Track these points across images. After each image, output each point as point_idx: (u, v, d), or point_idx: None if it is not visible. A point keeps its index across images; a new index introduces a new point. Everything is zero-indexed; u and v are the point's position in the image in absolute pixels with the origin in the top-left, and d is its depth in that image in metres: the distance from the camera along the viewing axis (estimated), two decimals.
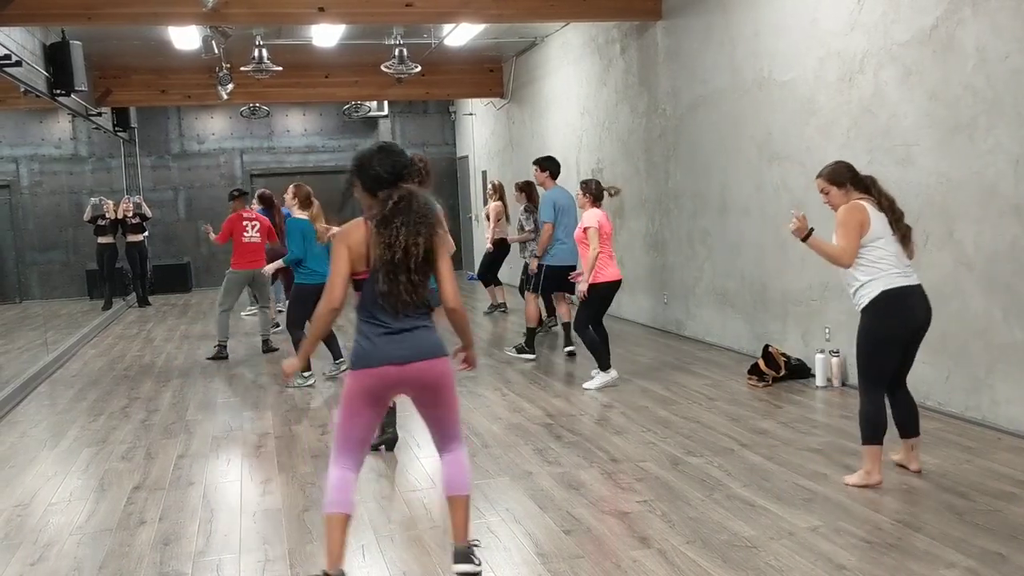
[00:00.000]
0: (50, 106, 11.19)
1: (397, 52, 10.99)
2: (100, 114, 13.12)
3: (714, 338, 8.59)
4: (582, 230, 7.03)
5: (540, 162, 8.64)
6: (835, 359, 6.61)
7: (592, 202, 7.10)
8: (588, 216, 7.04)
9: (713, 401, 6.42)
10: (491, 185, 11.66)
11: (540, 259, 8.31)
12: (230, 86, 11.81)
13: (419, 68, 11.44)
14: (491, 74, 14.77)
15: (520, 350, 8.35)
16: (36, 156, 15.92)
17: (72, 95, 9.95)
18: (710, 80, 8.30)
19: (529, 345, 8.35)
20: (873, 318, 4.38)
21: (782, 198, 7.32)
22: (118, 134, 15.06)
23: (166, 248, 16.91)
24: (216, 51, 9.93)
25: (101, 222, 13.93)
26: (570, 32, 11.61)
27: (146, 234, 14.71)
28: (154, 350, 10.06)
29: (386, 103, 17.03)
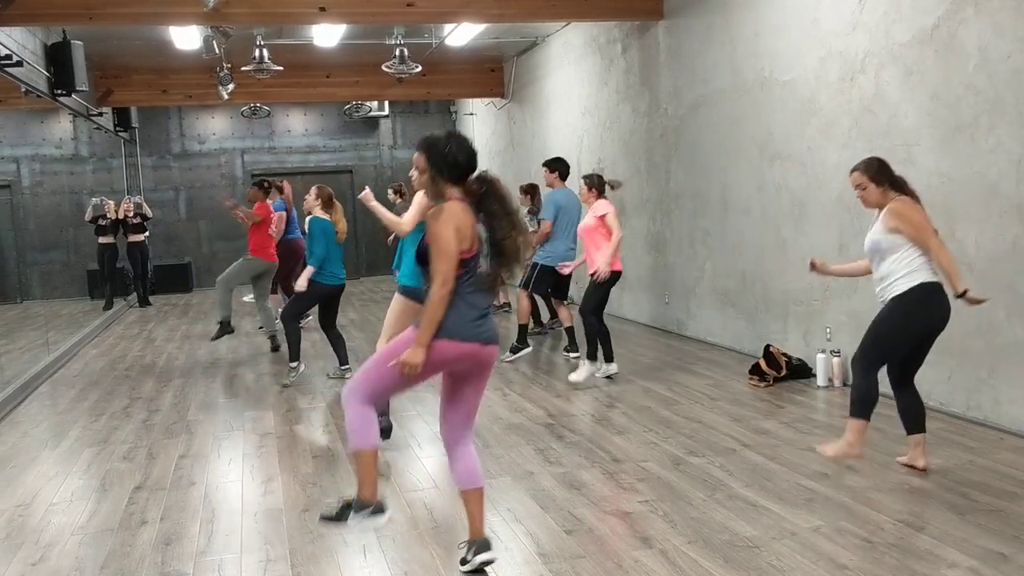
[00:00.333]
0: (51, 106, 11.20)
1: (398, 52, 11.00)
2: (101, 114, 13.12)
3: (715, 338, 8.59)
4: (596, 219, 7.07)
5: (550, 163, 8.54)
6: (836, 359, 6.60)
7: (597, 195, 7.14)
8: (599, 206, 7.10)
9: (715, 401, 6.42)
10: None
11: (531, 256, 8.26)
12: (231, 86, 11.81)
13: (420, 68, 11.44)
14: (492, 74, 14.77)
15: (514, 351, 8.30)
16: (37, 156, 15.93)
17: (73, 95, 9.95)
18: (711, 80, 8.29)
19: (521, 341, 8.32)
20: (902, 305, 4.42)
21: (783, 198, 7.32)
22: (119, 134, 15.07)
23: (167, 248, 16.91)
24: (217, 51, 9.93)
25: (102, 222, 13.94)
26: (571, 32, 11.61)
27: (147, 234, 14.72)
28: (155, 350, 10.06)
29: (387, 103, 17.05)
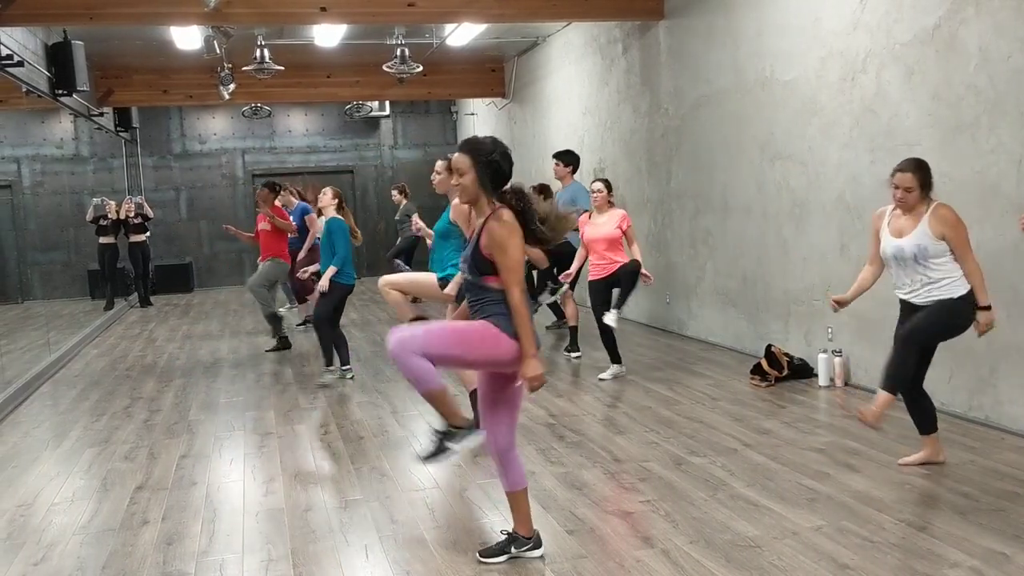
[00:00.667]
0: (52, 106, 11.20)
1: (399, 52, 10.99)
2: (102, 114, 13.12)
3: (716, 338, 8.59)
4: (619, 229, 7.18)
5: (562, 156, 8.28)
6: (838, 359, 6.60)
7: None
8: (619, 216, 7.25)
9: (716, 401, 6.42)
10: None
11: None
12: (232, 86, 11.81)
13: (421, 68, 11.44)
14: (493, 74, 14.77)
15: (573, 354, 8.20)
16: (38, 156, 15.92)
17: (74, 95, 9.95)
18: (712, 80, 8.29)
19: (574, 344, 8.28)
20: (961, 304, 4.44)
21: (784, 198, 7.31)
22: (120, 134, 15.07)
23: (168, 248, 16.91)
24: (218, 51, 9.92)
25: (103, 222, 13.95)
26: (572, 32, 11.61)
27: (148, 234, 14.73)
28: (156, 350, 10.07)
29: (388, 103, 17.04)
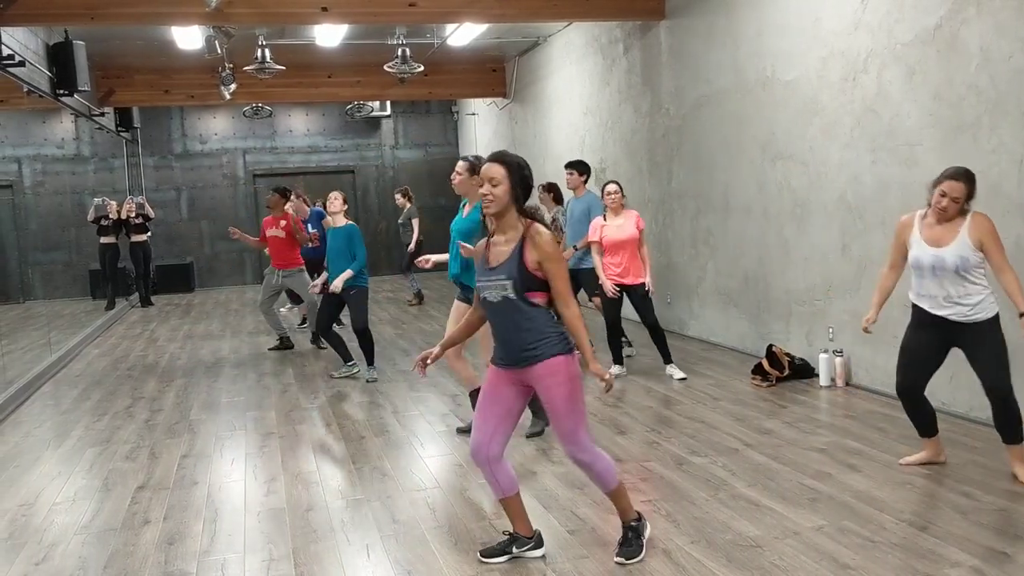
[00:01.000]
0: (53, 106, 11.21)
1: (400, 52, 10.99)
2: (103, 114, 13.13)
3: (718, 338, 8.59)
4: (638, 230, 7.17)
5: (576, 166, 8.14)
6: (839, 359, 6.60)
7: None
8: (635, 216, 7.26)
9: (717, 401, 6.42)
10: None
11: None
12: (233, 86, 11.82)
13: (422, 68, 11.44)
14: (494, 74, 14.78)
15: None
16: (39, 156, 15.94)
17: (75, 95, 9.95)
18: (713, 80, 8.29)
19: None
20: (998, 323, 4.42)
21: (785, 198, 7.31)
22: (121, 134, 15.08)
23: (169, 248, 16.92)
24: (219, 51, 9.92)
25: (104, 222, 13.96)
26: (573, 32, 11.61)
27: (149, 234, 14.74)
28: (157, 350, 10.07)
29: (389, 103, 17.05)
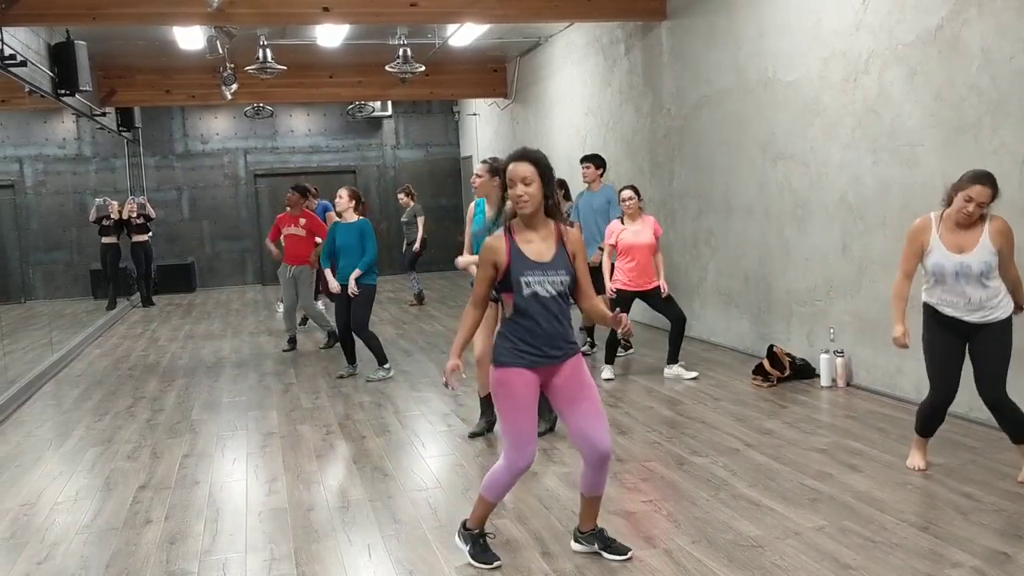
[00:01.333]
0: (54, 106, 11.22)
1: (401, 52, 10.99)
2: (104, 114, 13.13)
3: (718, 338, 8.59)
4: (655, 237, 7.18)
5: (592, 159, 8.08)
6: (840, 359, 6.60)
7: None
8: (652, 222, 7.27)
9: (718, 401, 6.43)
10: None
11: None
12: (234, 86, 11.83)
13: (423, 68, 11.45)
14: (495, 74, 14.78)
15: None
16: (40, 156, 15.94)
17: (76, 95, 9.95)
18: (714, 80, 8.30)
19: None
20: (1011, 328, 4.39)
21: (786, 198, 7.32)
22: (122, 134, 15.09)
23: (170, 248, 16.93)
24: (220, 51, 9.93)
25: (105, 222, 13.96)
26: (574, 32, 11.62)
27: (150, 234, 14.74)
28: (159, 350, 10.08)
29: (390, 103, 17.06)
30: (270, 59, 10.68)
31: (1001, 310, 4.35)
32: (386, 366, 7.73)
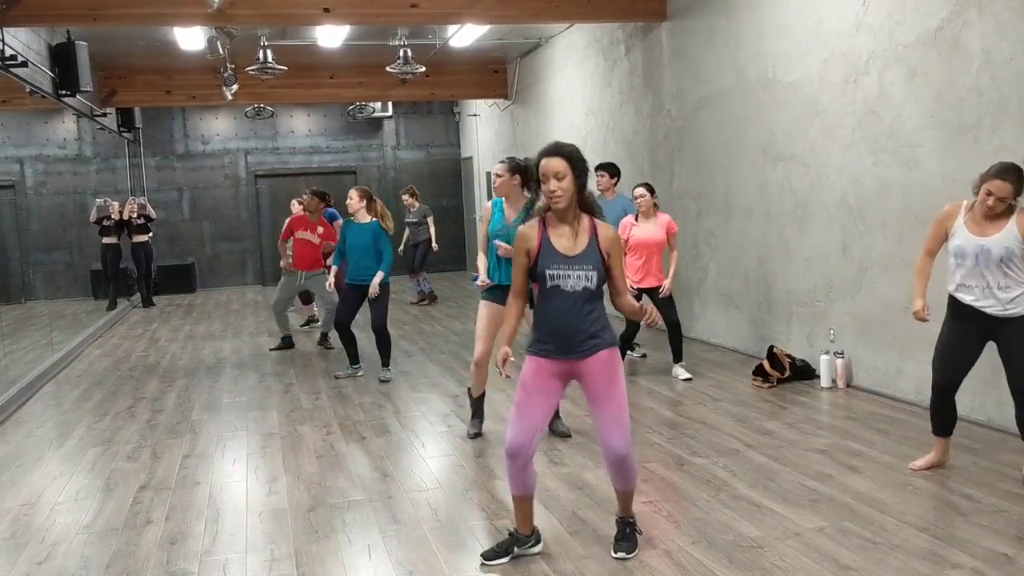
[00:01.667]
0: (55, 106, 11.21)
1: (402, 53, 11.00)
2: (105, 114, 13.14)
3: (719, 339, 8.59)
4: (667, 234, 7.16)
5: (607, 168, 7.94)
6: (840, 360, 6.60)
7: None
8: (667, 221, 7.25)
9: (718, 402, 6.43)
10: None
11: None
12: (235, 87, 11.83)
13: (424, 69, 11.45)
14: (495, 75, 14.79)
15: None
16: (41, 156, 15.93)
17: (77, 95, 9.96)
18: (715, 81, 8.30)
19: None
20: None
21: (786, 199, 7.32)
22: (123, 134, 15.10)
23: (170, 248, 16.94)
24: (221, 52, 9.94)
25: (106, 223, 13.97)
26: (574, 33, 11.62)
27: (151, 235, 14.74)
28: (159, 350, 10.08)
29: (390, 104, 17.06)
30: (271, 60, 10.69)
31: (1021, 306, 4.30)
32: (388, 368, 7.78)
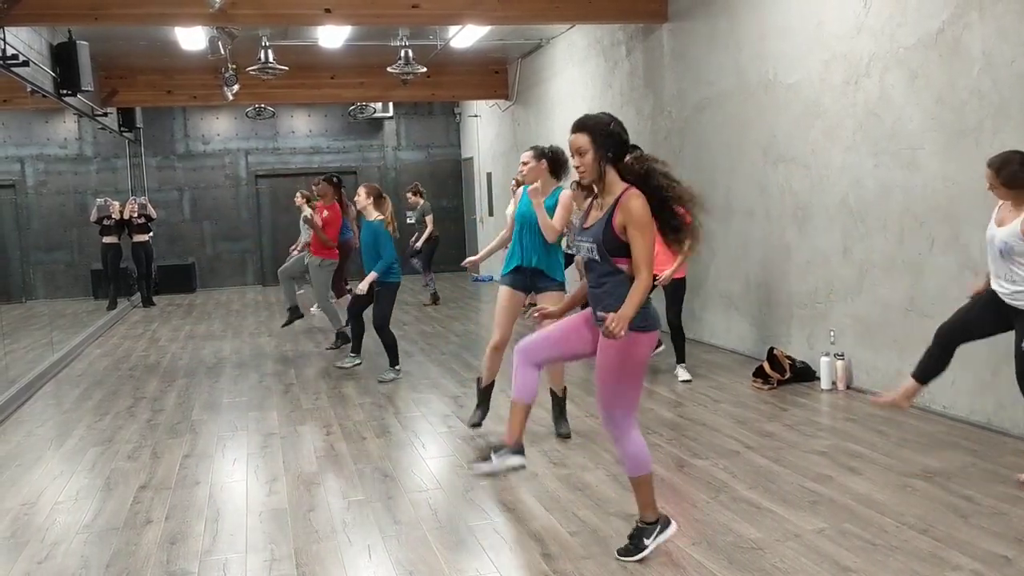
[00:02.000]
0: (56, 106, 11.22)
1: (403, 53, 11.01)
2: (106, 114, 13.15)
3: (719, 340, 8.59)
4: None
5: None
6: (840, 362, 6.60)
7: None
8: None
9: (718, 403, 6.43)
10: (515, 182, 11.47)
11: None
12: (236, 87, 11.84)
13: (424, 69, 11.46)
14: (496, 76, 14.79)
15: None
16: (41, 156, 15.94)
17: (78, 95, 9.97)
18: (715, 82, 8.30)
19: None
20: None
21: (787, 201, 7.32)
22: (123, 134, 15.10)
23: (171, 248, 16.95)
24: (222, 52, 9.95)
25: (107, 222, 13.98)
26: (575, 34, 11.63)
27: (151, 234, 14.75)
28: (159, 350, 10.08)
29: (391, 104, 17.07)
30: (272, 60, 10.69)
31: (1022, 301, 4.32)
32: (396, 368, 7.73)
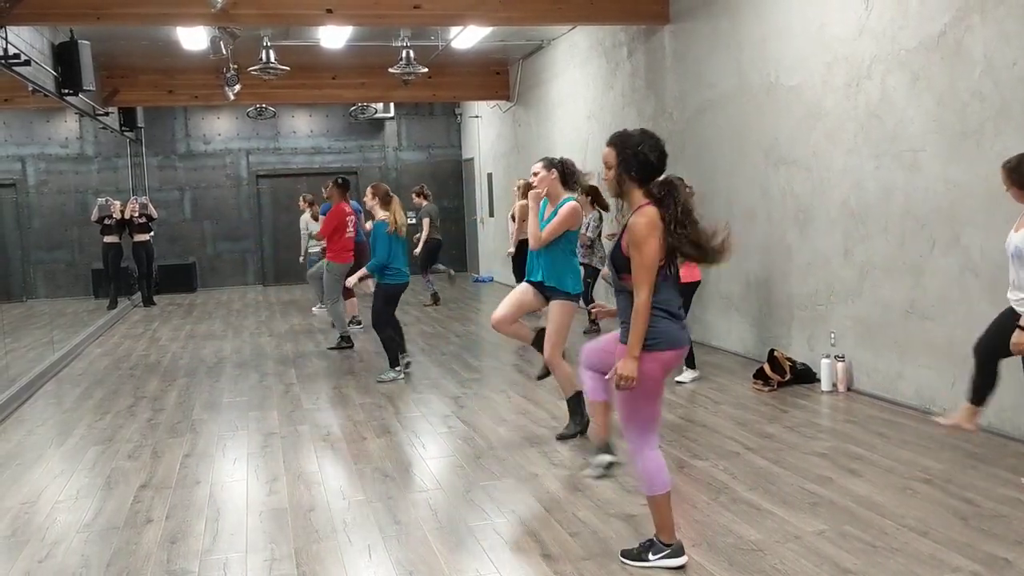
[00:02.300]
0: (57, 105, 11.22)
1: (404, 54, 11.00)
2: (107, 114, 13.15)
3: (720, 342, 8.59)
4: None
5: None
6: (840, 364, 6.60)
7: None
8: None
9: (719, 405, 6.43)
10: (520, 183, 11.47)
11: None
12: (237, 87, 11.83)
13: (426, 70, 11.46)
14: (497, 77, 14.80)
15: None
16: (42, 155, 15.92)
17: (80, 95, 9.98)
18: (717, 84, 8.31)
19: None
20: None
21: (788, 203, 7.32)
22: (125, 134, 15.10)
23: (171, 248, 16.95)
24: (224, 52, 9.95)
25: (107, 222, 13.98)
26: (577, 35, 11.63)
27: (152, 234, 14.75)
28: (160, 349, 10.08)
29: (392, 105, 17.07)
30: (273, 60, 10.69)
31: None
32: (397, 368, 7.75)
